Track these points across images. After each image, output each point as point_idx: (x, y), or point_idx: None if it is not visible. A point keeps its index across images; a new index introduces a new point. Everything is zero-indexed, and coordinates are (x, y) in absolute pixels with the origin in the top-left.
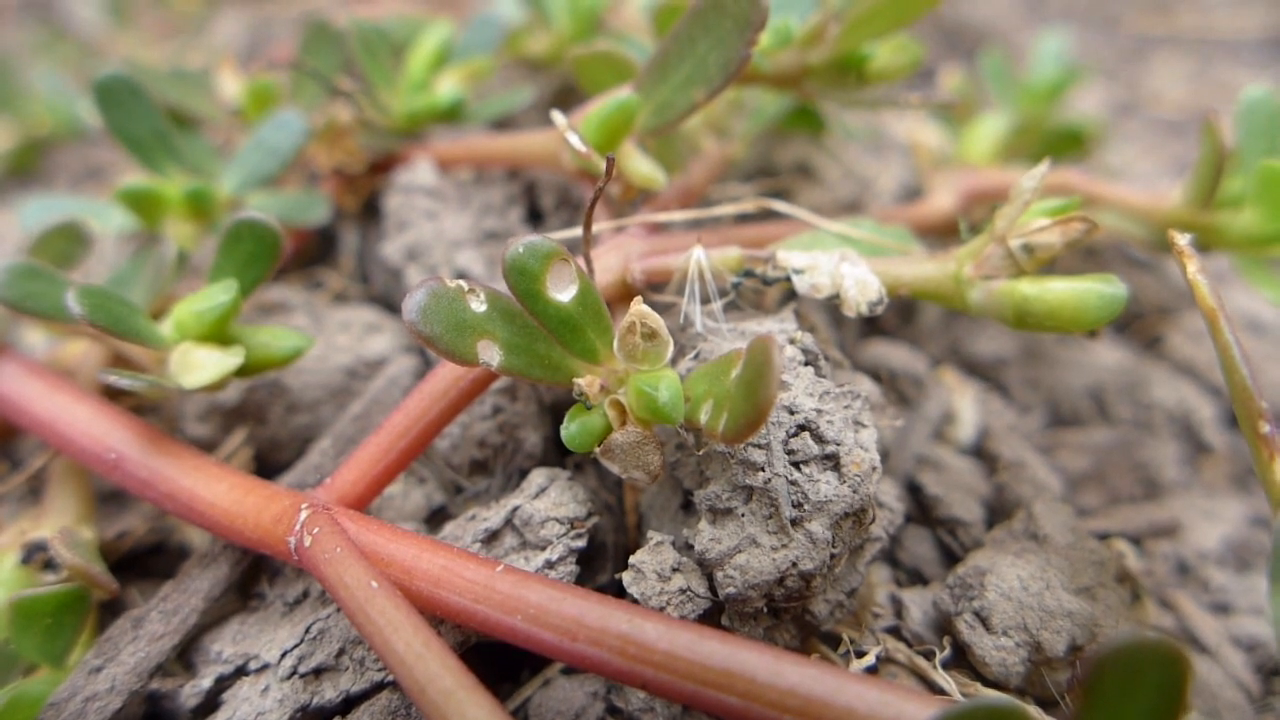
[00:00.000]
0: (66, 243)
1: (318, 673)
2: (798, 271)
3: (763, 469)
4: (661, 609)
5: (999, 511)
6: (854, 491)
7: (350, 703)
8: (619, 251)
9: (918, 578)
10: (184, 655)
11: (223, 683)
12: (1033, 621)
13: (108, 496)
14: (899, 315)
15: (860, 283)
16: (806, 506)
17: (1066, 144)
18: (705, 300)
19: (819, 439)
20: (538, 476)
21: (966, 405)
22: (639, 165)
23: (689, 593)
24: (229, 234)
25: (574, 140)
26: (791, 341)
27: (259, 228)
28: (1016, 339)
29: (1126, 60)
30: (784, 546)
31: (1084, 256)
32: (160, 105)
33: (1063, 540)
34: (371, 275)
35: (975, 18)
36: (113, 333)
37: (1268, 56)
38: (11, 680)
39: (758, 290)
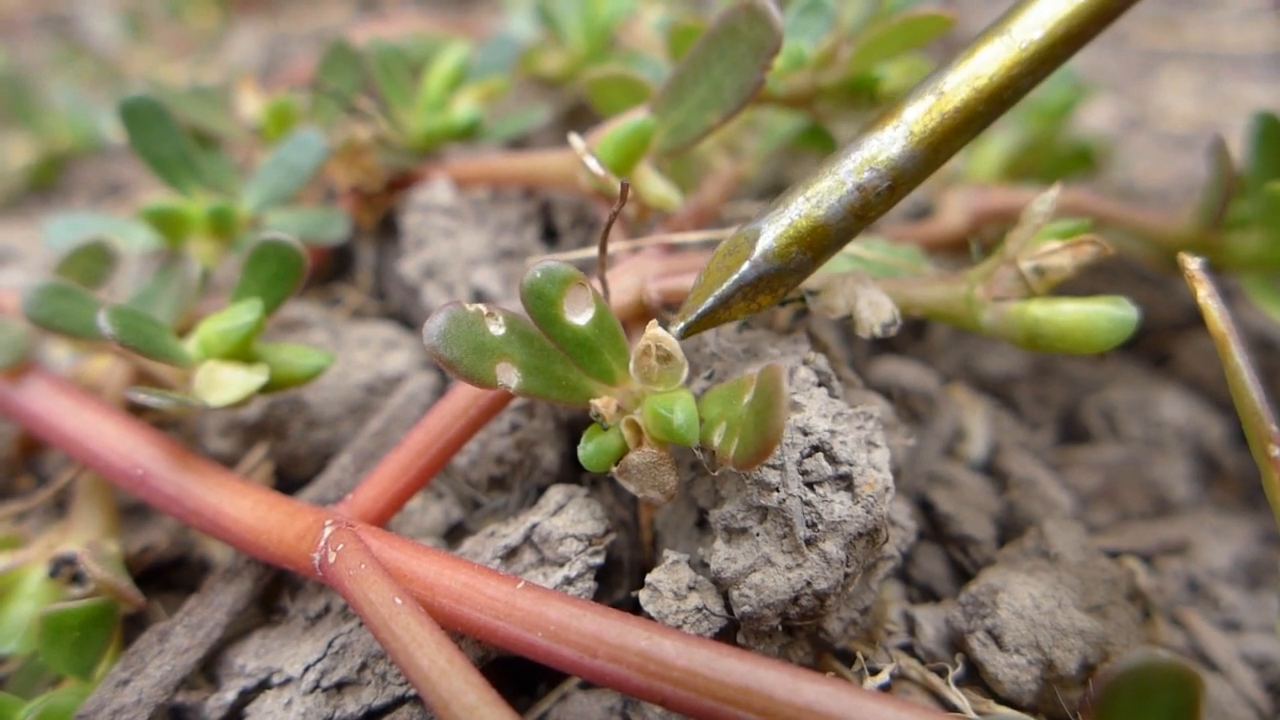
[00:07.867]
0: (93, 261)
1: (340, 687)
2: (812, 293)
3: (777, 489)
4: (678, 627)
5: (1010, 529)
6: (867, 512)
7: (372, 717)
8: (635, 272)
9: (930, 595)
10: (208, 669)
11: (246, 696)
12: (1045, 639)
13: (130, 511)
14: (910, 332)
15: (873, 304)
16: (820, 526)
17: (1075, 161)
18: None
19: (832, 460)
20: (556, 493)
21: (977, 422)
22: (655, 187)
23: (705, 611)
24: (254, 254)
25: (592, 163)
26: (805, 363)
27: (283, 249)
28: (1027, 356)
29: (1135, 75)
30: (798, 566)
31: (1093, 272)
32: (182, 124)
33: (1074, 558)
34: (389, 292)
35: None
36: (142, 352)
37: (1275, 71)
38: (39, 693)
39: (771, 310)
